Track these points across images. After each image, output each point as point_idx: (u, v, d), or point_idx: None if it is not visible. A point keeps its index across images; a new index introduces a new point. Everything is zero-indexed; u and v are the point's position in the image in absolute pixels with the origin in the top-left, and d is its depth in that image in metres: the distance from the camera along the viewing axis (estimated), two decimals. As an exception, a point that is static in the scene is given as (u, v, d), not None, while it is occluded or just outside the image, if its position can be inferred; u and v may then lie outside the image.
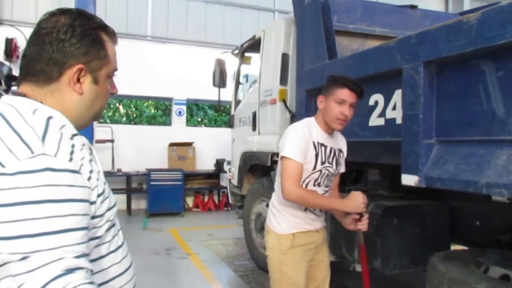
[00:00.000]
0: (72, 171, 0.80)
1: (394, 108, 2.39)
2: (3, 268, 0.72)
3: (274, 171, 3.83)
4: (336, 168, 2.25)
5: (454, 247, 3.08)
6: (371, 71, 2.51)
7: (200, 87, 7.95)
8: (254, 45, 4.99)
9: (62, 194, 0.76)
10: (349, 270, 3.18)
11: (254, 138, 4.63)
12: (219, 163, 8.18)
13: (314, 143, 2.13)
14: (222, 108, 6.55)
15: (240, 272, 4.61)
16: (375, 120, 2.56)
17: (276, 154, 3.76)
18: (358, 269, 2.89)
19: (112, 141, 8.16)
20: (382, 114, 2.49)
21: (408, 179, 2.09)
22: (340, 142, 2.32)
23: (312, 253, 2.26)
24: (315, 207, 2.18)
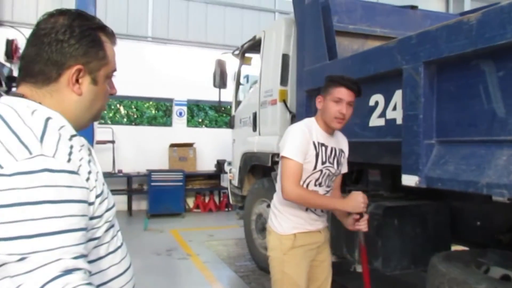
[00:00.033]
0: (70, 172, 0.79)
1: (395, 109, 2.39)
2: (2, 269, 0.72)
3: (275, 172, 3.83)
4: (338, 168, 2.25)
5: (455, 248, 3.07)
6: (372, 72, 2.51)
7: (201, 88, 7.96)
8: (255, 46, 4.99)
9: (60, 195, 0.76)
10: (350, 271, 3.17)
11: (255, 139, 4.63)
12: (220, 164, 8.17)
13: (314, 143, 2.13)
14: (223, 109, 6.54)
15: (241, 273, 4.61)
16: (376, 121, 2.56)
17: (277, 155, 3.76)
18: (359, 270, 2.89)
19: (113, 142, 8.17)
20: (383, 115, 2.49)
21: (409, 180, 2.08)
22: (342, 142, 2.32)
23: (314, 254, 2.26)
24: (315, 207, 2.18)
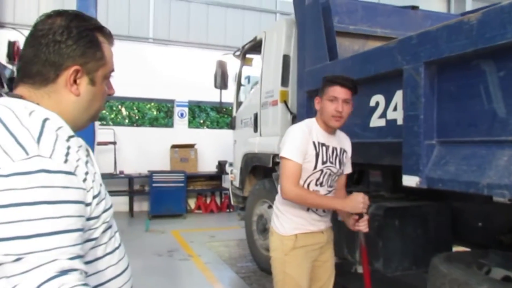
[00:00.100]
0: (67, 173, 0.79)
1: (395, 109, 2.39)
2: None
3: (276, 173, 3.83)
4: (340, 168, 2.25)
5: (456, 249, 3.06)
6: (372, 72, 2.50)
7: (202, 89, 7.95)
8: (256, 47, 4.98)
9: (57, 196, 0.76)
10: (351, 272, 3.17)
11: (256, 140, 4.62)
12: (221, 165, 8.16)
13: (315, 143, 2.14)
14: (224, 110, 6.54)
15: (242, 274, 4.60)
16: (376, 121, 2.55)
17: (278, 156, 3.76)
18: (360, 271, 2.88)
19: (114, 143, 8.17)
20: (383, 115, 2.49)
21: (409, 180, 2.08)
22: (344, 142, 2.32)
23: (316, 254, 2.26)
24: (314, 207, 2.18)
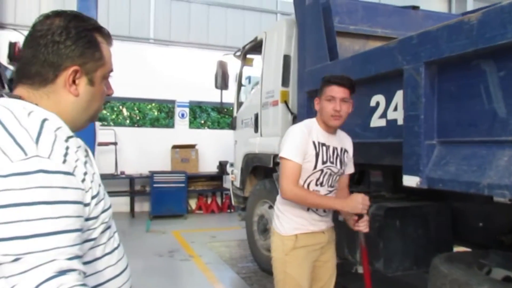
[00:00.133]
0: (66, 173, 0.79)
1: (396, 109, 2.38)
2: None
3: (276, 173, 3.83)
4: (341, 168, 2.25)
5: (457, 249, 3.06)
6: (372, 72, 2.50)
7: (203, 89, 7.95)
8: (256, 47, 4.98)
9: (55, 196, 0.76)
10: (352, 272, 3.16)
11: (256, 140, 4.62)
12: (222, 165, 8.16)
13: (315, 143, 2.15)
14: (225, 110, 6.54)
15: (243, 274, 4.60)
16: (377, 121, 2.55)
17: (278, 156, 3.76)
18: (361, 271, 2.87)
19: (115, 144, 8.18)
20: (384, 115, 2.49)
21: (410, 180, 2.08)
22: (345, 142, 2.32)
23: (317, 254, 2.26)
24: (314, 206, 2.18)
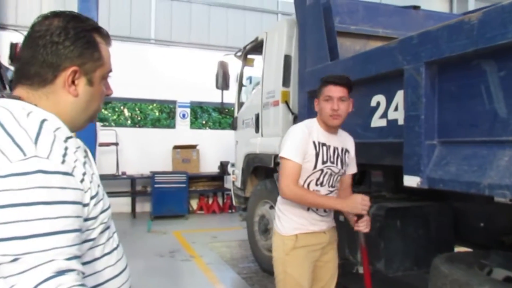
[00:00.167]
0: (65, 173, 0.79)
1: (396, 109, 2.38)
2: None
3: (277, 173, 3.82)
4: (342, 168, 2.25)
5: (458, 249, 3.05)
6: (373, 72, 2.50)
7: (204, 90, 7.94)
8: (257, 47, 4.99)
9: (54, 196, 0.76)
10: (352, 272, 3.16)
11: (257, 140, 4.62)
12: (223, 165, 8.16)
13: (315, 143, 2.15)
14: (227, 111, 6.54)
15: (244, 275, 4.60)
16: (377, 121, 2.55)
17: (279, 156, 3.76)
18: (361, 271, 2.87)
19: (117, 144, 8.19)
20: (384, 115, 2.48)
21: (410, 180, 2.07)
22: (347, 141, 2.32)
23: (318, 254, 2.27)
24: (313, 206, 2.18)
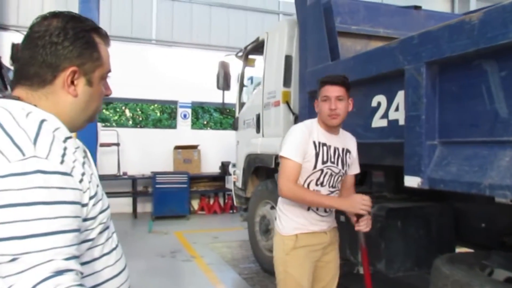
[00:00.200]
0: (63, 173, 0.79)
1: (397, 109, 2.38)
2: None
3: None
4: (343, 168, 2.24)
5: (459, 250, 3.04)
6: (374, 72, 2.50)
7: (205, 90, 7.94)
8: (258, 47, 4.99)
9: (53, 196, 0.76)
10: (353, 273, 3.15)
11: (258, 140, 4.62)
12: (225, 166, 8.16)
13: (315, 143, 2.15)
14: (228, 111, 6.53)
15: (245, 275, 4.60)
16: (378, 122, 2.54)
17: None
18: (362, 272, 2.87)
19: (118, 145, 8.20)
20: (385, 116, 2.48)
21: (411, 181, 2.07)
22: (348, 142, 2.31)
23: (319, 254, 2.27)
24: (311, 204, 2.18)
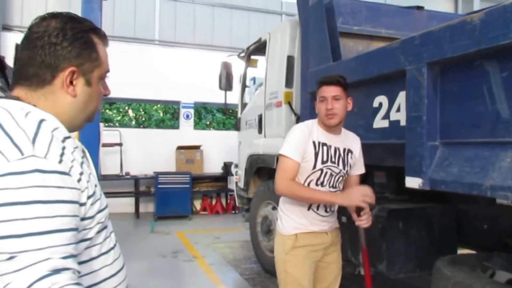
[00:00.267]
0: (61, 173, 0.80)
1: (398, 110, 2.37)
2: None
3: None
4: (344, 168, 2.24)
5: (461, 251, 3.03)
6: (375, 73, 2.50)
7: (208, 90, 7.97)
8: (260, 48, 4.98)
9: (51, 195, 0.76)
10: (355, 274, 3.14)
11: (260, 141, 4.62)
12: (227, 166, 8.16)
13: (315, 143, 2.16)
14: (231, 111, 6.53)
15: (246, 276, 4.60)
16: (380, 122, 2.54)
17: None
18: (363, 273, 2.86)
19: (121, 145, 8.22)
20: (386, 116, 2.48)
21: (412, 182, 2.07)
22: (351, 142, 2.30)
23: (320, 255, 2.26)
24: (308, 200, 2.17)
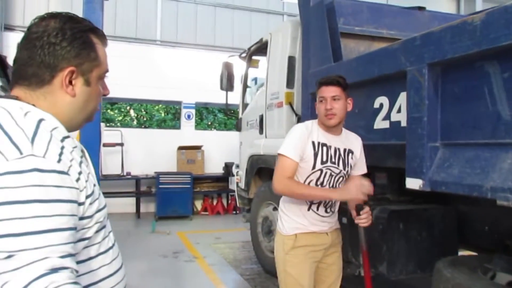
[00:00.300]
0: (60, 172, 0.80)
1: (399, 111, 2.37)
2: None
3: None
4: (344, 169, 2.23)
5: (462, 253, 3.02)
6: (376, 74, 2.49)
7: (209, 91, 7.97)
8: (261, 48, 4.99)
9: (49, 195, 0.76)
10: (355, 275, 3.14)
11: (261, 141, 4.62)
12: (228, 167, 8.16)
13: (314, 143, 2.16)
14: (232, 112, 6.53)
15: (247, 276, 4.60)
16: (380, 123, 2.54)
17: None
18: (363, 274, 2.86)
19: (122, 145, 8.23)
20: (387, 117, 2.47)
21: (412, 183, 2.06)
22: (352, 143, 2.30)
23: (320, 255, 2.26)
24: (305, 198, 2.17)
